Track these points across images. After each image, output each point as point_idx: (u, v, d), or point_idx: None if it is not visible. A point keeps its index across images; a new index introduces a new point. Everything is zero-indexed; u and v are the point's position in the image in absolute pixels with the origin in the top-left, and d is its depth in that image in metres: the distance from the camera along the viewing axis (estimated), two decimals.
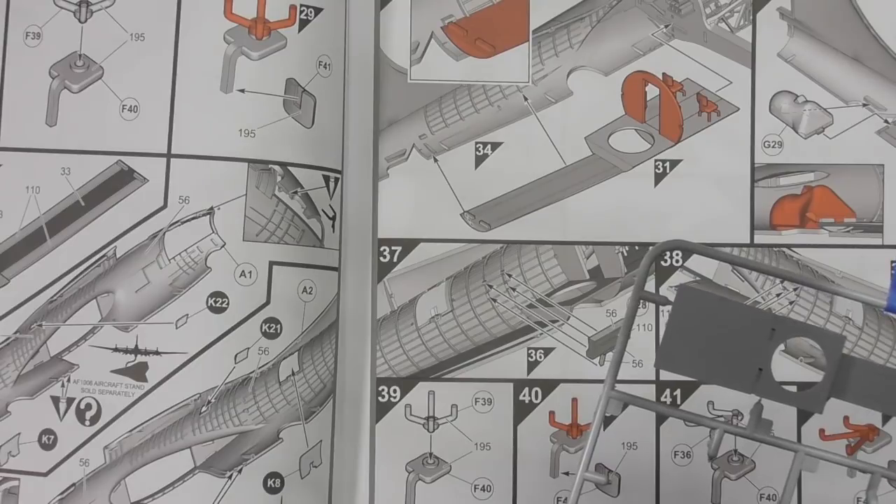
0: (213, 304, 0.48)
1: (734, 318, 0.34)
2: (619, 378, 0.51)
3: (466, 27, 0.52)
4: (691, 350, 0.34)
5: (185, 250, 0.48)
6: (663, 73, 0.52)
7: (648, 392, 0.50)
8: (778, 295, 0.50)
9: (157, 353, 0.48)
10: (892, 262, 0.51)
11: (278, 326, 0.49)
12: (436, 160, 0.52)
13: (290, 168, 0.49)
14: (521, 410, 0.51)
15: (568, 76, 0.52)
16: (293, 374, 0.49)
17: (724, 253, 0.36)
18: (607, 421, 0.50)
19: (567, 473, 0.50)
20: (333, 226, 0.50)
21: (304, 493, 0.49)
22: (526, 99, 0.52)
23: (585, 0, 0.52)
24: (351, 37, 0.52)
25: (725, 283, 0.51)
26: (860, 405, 0.35)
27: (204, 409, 0.48)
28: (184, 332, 0.48)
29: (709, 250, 0.36)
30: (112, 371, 0.48)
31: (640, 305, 0.51)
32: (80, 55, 0.49)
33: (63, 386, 0.48)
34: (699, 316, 0.34)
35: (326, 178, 0.50)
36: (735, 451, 0.50)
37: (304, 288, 0.49)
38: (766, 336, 0.34)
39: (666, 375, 0.50)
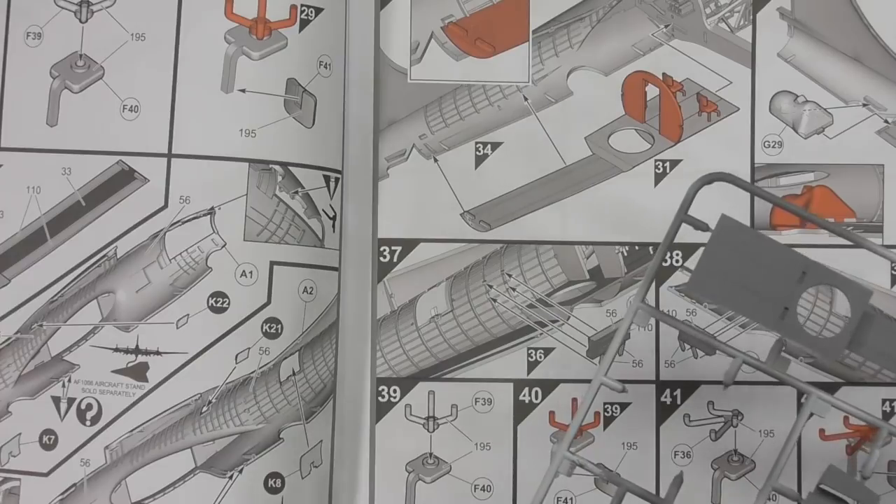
0: (214, 304, 0.48)
1: (768, 256, 0.35)
2: (617, 378, 0.51)
3: (466, 27, 0.52)
4: (723, 280, 0.35)
5: (186, 250, 0.48)
6: (663, 73, 0.52)
7: (648, 392, 0.50)
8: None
9: (157, 353, 0.48)
10: (893, 263, 0.51)
11: (279, 326, 0.49)
12: (436, 160, 0.52)
13: (290, 168, 0.49)
14: (521, 410, 0.51)
15: (568, 76, 0.52)
16: (294, 373, 0.49)
17: (769, 193, 0.37)
18: (608, 420, 0.50)
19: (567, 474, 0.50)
20: (334, 226, 0.50)
21: (305, 493, 0.49)
22: (526, 99, 0.52)
23: (585, 0, 0.52)
24: (351, 37, 0.52)
25: None
26: (874, 362, 0.36)
27: (205, 409, 0.48)
28: (184, 332, 0.48)
29: (754, 188, 0.36)
30: (113, 371, 0.48)
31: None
32: (80, 55, 0.49)
33: (64, 386, 0.48)
34: (735, 248, 0.35)
35: (327, 178, 0.50)
36: (735, 450, 0.50)
37: (305, 288, 0.49)
38: (796, 278, 0.35)
39: (666, 375, 0.50)
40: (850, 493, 0.35)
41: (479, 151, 0.52)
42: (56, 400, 0.48)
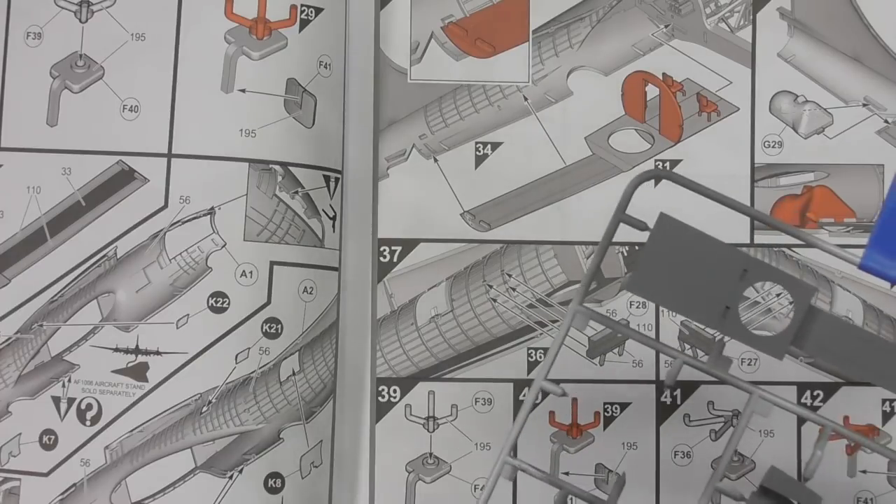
0: (214, 303, 0.48)
1: (709, 254, 0.34)
2: (617, 378, 0.51)
3: (466, 27, 0.52)
4: (664, 279, 0.34)
5: (186, 250, 0.48)
6: (663, 73, 0.52)
7: (648, 392, 0.50)
8: (778, 295, 0.50)
9: (157, 353, 0.48)
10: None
11: (279, 326, 0.49)
12: (436, 160, 0.52)
13: (290, 168, 0.49)
14: None
15: (568, 76, 0.52)
16: (294, 373, 0.49)
17: (712, 191, 0.36)
18: (608, 420, 0.50)
19: (567, 473, 0.50)
20: (334, 226, 0.50)
21: (305, 493, 0.49)
22: (526, 99, 0.52)
23: (585, 0, 0.52)
24: (351, 37, 0.52)
25: None
26: (818, 358, 0.35)
27: (205, 409, 0.48)
28: (184, 332, 0.48)
29: (695, 185, 0.36)
30: (113, 371, 0.48)
31: (642, 305, 0.51)
32: (80, 55, 0.49)
33: (64, 386, 0.48)
34: (676, 246, 0.34)
35: (327, 178, 0.50)
36: (735, 450, 0.50)
37: (305, 288, 0.49)
38: (737, 276, 0.34)
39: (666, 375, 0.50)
40: (793, 493, 0.35)
41: (479, 151, 0.52)
42: (56, 400, 0.48)
